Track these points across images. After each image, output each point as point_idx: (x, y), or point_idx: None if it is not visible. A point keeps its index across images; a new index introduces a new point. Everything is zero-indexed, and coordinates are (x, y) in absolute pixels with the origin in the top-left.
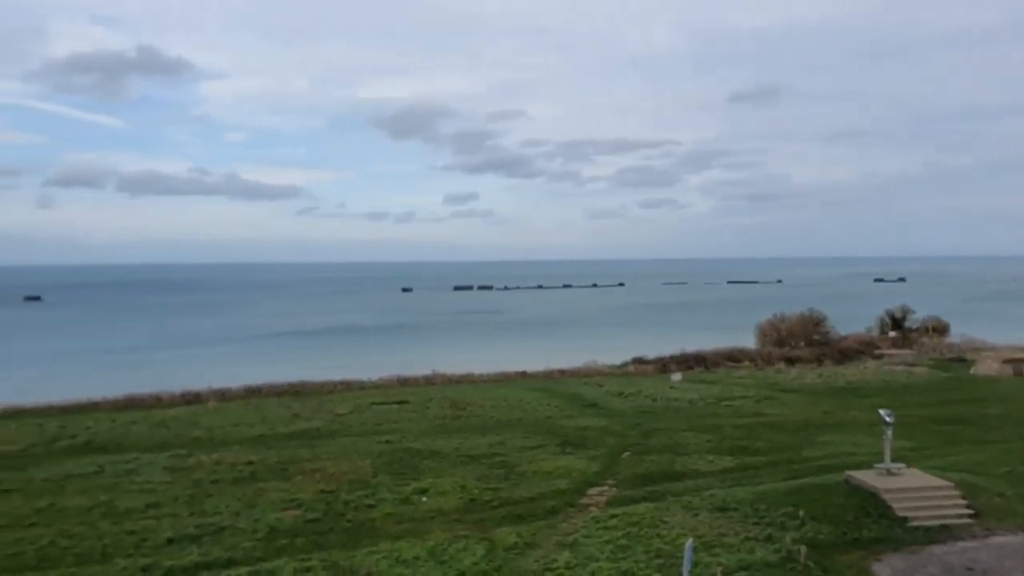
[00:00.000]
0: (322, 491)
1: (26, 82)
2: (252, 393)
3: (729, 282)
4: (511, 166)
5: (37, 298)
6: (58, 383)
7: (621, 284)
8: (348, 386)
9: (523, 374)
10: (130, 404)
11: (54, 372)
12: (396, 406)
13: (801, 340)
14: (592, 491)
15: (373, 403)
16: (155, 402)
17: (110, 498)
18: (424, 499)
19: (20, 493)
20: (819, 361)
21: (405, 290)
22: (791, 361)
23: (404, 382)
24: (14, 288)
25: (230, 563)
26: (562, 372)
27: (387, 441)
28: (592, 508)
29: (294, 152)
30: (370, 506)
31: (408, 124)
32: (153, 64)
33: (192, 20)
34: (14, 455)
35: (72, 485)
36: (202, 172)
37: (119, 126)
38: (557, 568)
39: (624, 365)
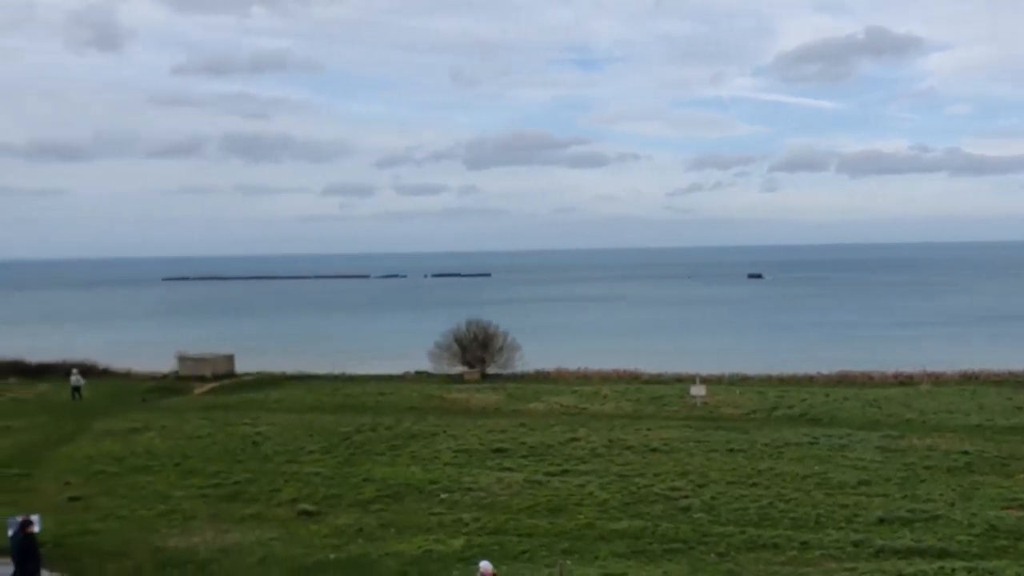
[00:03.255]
0: None
1: (755, 77)
2: (968, 379)
3: None
4: None
5: (759, 275)
6: (776, 355)
7: None
8: None
9: None
10: (842, 380)
11: (773, 344)
12: None
13: None
14: None
15: None
16: (866, 380)
17: (824, 469)
18: None
19: (744, 454)
20: None
21: None
22: None
23: None
24: (739, 266)
25: (943, 554)
26: None
27: None
28: None
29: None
30: None
31: None
32: (881, 44)
33: None
34: (738, 418)
35: (789, 452)
36: (922, 149)
37: (840, 109)
38: None
39: None
